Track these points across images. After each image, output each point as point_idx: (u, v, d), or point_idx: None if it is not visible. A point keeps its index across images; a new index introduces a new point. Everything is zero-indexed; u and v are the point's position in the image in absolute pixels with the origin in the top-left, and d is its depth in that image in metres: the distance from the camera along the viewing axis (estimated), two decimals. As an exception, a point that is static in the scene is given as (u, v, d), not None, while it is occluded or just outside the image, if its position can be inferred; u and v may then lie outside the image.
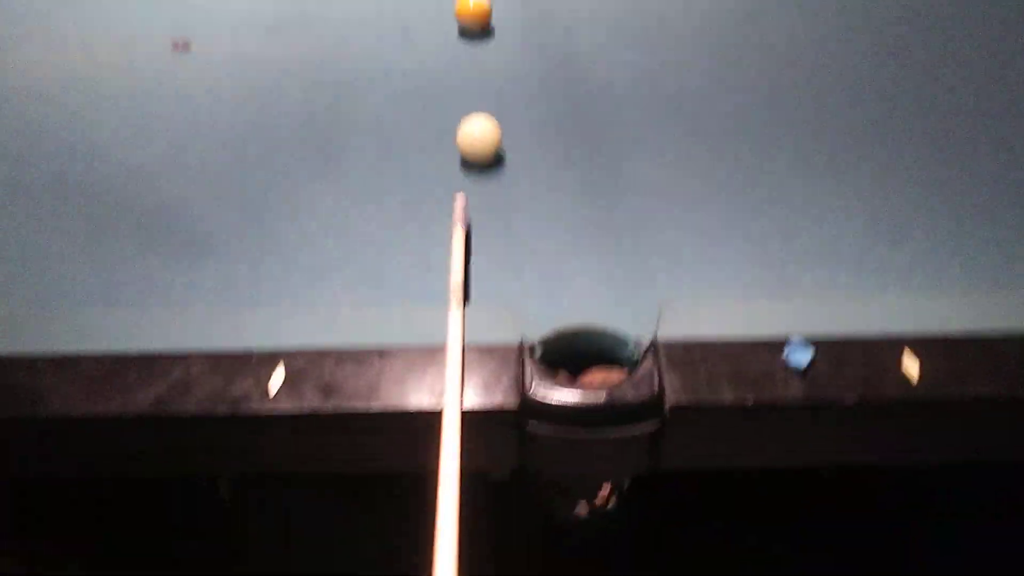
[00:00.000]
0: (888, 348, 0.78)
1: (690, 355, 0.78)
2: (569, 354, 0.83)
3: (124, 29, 1.38)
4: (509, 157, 1.08)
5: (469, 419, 0.73)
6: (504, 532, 1.28)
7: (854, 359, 0.77)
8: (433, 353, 0.78)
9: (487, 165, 1.05)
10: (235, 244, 0.95)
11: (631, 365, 0.80)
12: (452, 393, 0.73)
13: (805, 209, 0.99)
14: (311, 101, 1.21)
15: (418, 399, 0.75)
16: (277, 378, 0.75)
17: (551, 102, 1.19)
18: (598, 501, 1.10)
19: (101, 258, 0.94)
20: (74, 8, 1.44)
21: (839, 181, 1.03)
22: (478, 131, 1.04)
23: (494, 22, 1.35)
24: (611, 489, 1.10)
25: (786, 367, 0.76)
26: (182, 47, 1.32)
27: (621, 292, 0.88)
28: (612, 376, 0.79)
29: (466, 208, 0.97)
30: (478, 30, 1.33)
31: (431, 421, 0.73)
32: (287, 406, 0.74)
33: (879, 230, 0.96)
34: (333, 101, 1.21)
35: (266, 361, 0.77)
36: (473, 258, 0.92)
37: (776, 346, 0.78)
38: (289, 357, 0.77)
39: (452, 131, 1.06)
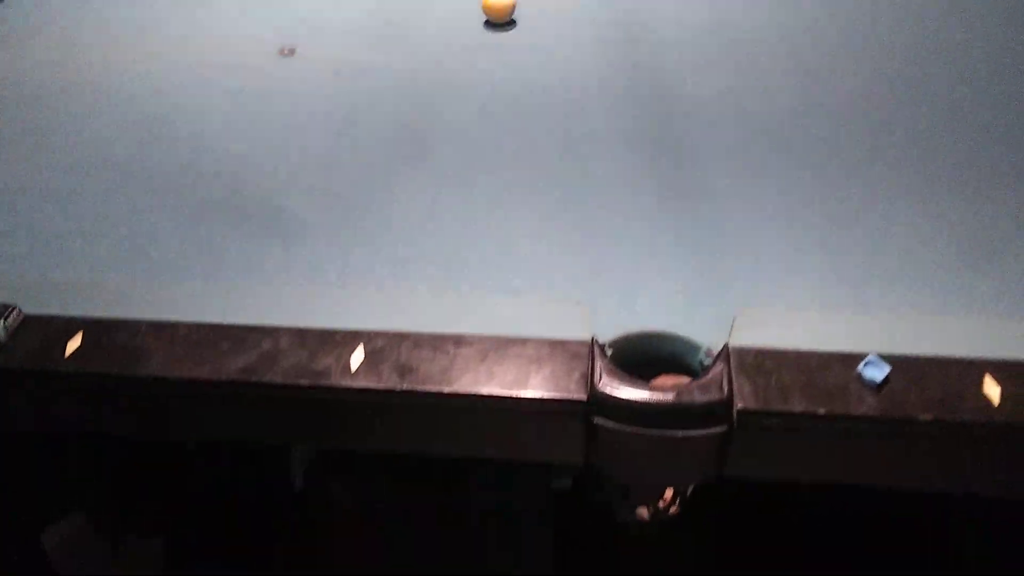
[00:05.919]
0: (968, 371, 0.76)
1: (762, 363, 0.77)
2: (639, 359, 0.84)
3: (235, 33, 1.47)
4: (593, 161, 1.10)
5: (539, 408, 0.75)
6: (565, 534, 1.29)
7: (932, 379, 0.76)
8: (507, 343, 0.80)
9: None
10: (326, 232, 1.00)
11: (702, 373, 0.80)
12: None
13: (890, 228, 0.97)
14: (404, 105, 1.25)
15: (489, 387, 0.77)
16: (357, 356, 0.79)
17: (638, 111, 1.21)
18: (661, 505, 1.10)
19: (204, 238, 1.00)
20: (188, 13, 1.54)
21: (929, 202, 1.01)
22: None
23: (586, 36, 1.38)
24: (674, 494, 1.10)
25: (860, 382, 0.75)
26: (288, 53, 1.39)
27: (696, 299, 0.89)
28: (681, 382, 0.79)
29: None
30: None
31: (500, 408, 0.75)
32: (365, 383, 0.77)
33: (967, 254, 0.94)
34: (425, 106, 1.25)
35: (349, 339, 0.81)
36: (549, 250, 0.95)
37: (851, 360, 0.77)
38: (370, 337, 0.81)
39: (538, 136, 1.09)
